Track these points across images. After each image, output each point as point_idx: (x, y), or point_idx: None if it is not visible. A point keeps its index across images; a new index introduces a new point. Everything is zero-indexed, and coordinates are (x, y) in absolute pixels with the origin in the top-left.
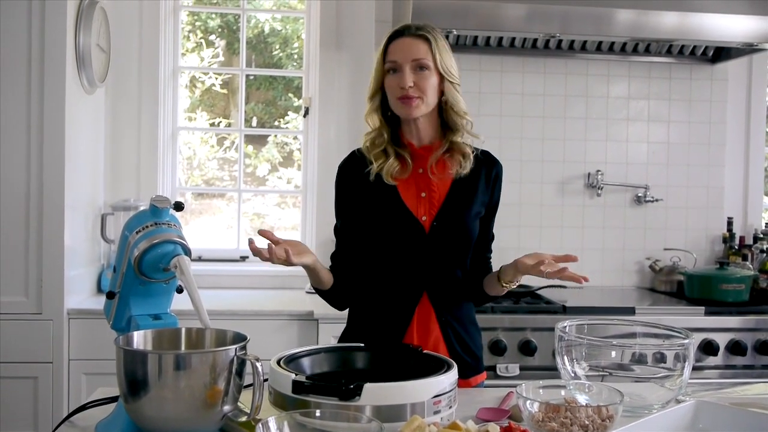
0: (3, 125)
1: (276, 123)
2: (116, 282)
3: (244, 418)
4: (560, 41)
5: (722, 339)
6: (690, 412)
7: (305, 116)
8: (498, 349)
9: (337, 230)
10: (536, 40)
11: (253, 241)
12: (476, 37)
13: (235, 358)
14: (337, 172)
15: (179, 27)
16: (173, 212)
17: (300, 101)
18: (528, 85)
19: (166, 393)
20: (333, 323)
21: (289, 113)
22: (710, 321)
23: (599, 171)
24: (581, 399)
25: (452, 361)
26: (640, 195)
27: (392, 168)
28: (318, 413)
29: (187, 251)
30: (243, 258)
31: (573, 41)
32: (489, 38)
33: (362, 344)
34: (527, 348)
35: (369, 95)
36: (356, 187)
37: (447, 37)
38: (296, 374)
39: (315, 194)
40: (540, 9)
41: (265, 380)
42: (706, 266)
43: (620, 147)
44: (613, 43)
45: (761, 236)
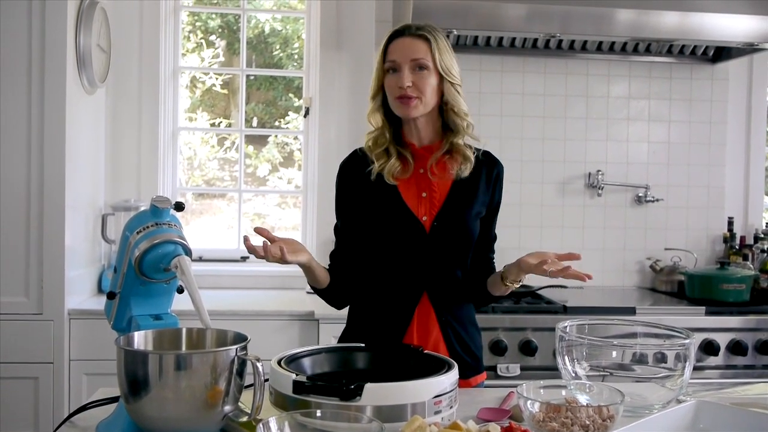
0: (3, 125)
1: (276, 123)
2: (117, 282)
3: (245, 419)
4: (560, 41)
5: (723, 339)
6: (691, 412)
7: (305, 116)
8: (499, 349)
9: (338, 229)
10: (536, 40)
11: (249, 239)
12: (476, 37)
13: (236, 359)
14: (338, 171)
15: (179, 27)
16: (174, 212)
17: (300, 101)
18: (528, 85)
19: (167, 393)
20: (334, 323)
21: (290, 113)
22: (711, 321)
23: (600, 171)
24: (582, 399)
25: (453, 361)
26: (641, 195)
27: (394, 168)
28: (319, 413)
29: (188, 251)
30: (244, 258)
31: (573, 41)
32: (489, 38)
33: (363, 344)
34: (528, 348)
35: (371, 95)
36: (357, 187)
37: (447, 37)
38: (297, 374)
39: (315, 194)
40: (540, 9)
41: (266, 380)
42: (707, 266)
43: (621, 147)
44: (614, 43)
45: (762, 236)
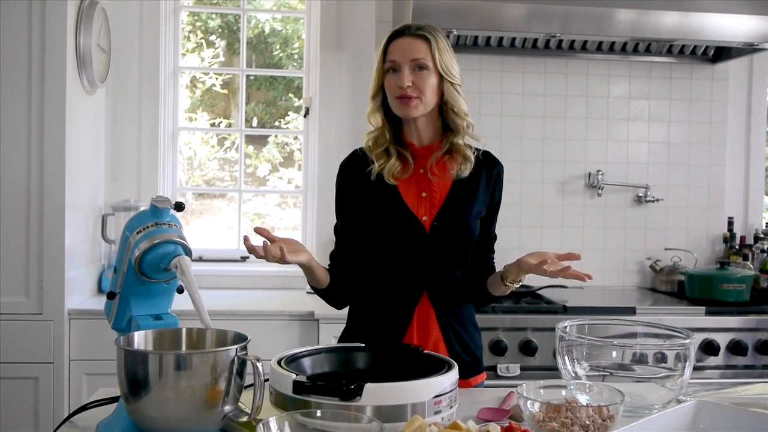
0: (3, 125)
1: (276, 123)
2: (117, 282)
3: (245, 419)
4: (560, 41)
5: (723, 339)
6: (691, 412)
7: (305, 116)
8: (499, 349)
9: (337, 229)
10: (536, 40)
11: (249, 239)
12: (476, 37)
13: (236, 359)
14: (338, 171)
15: (179, 27)
16: (174, 212)
17: (300, 101)
18: (528, 85)
19: (167, 393)
20: (334, 323)
21: (290, 113)
22: (711, 321)
23: (600, 171)
24: (582, 399)
25: (453, 361)
26: (641, 195)
27: (394, 168)
28: (319, 413)
29: (188, 251)
30: (244, 258)
31: (573, 41)
32: (489, 38)
33: (363, 344)
34: (528, 348)
35: (371, 95)
36: (357, 187)
37: (447, 37)
38: (297, 374)
39: (315, 194)
40: (540, 9)
41: (266, 380)
42: (707, 266)
43: (621, 147)
44: (614, 43)
45: (762, 236)
